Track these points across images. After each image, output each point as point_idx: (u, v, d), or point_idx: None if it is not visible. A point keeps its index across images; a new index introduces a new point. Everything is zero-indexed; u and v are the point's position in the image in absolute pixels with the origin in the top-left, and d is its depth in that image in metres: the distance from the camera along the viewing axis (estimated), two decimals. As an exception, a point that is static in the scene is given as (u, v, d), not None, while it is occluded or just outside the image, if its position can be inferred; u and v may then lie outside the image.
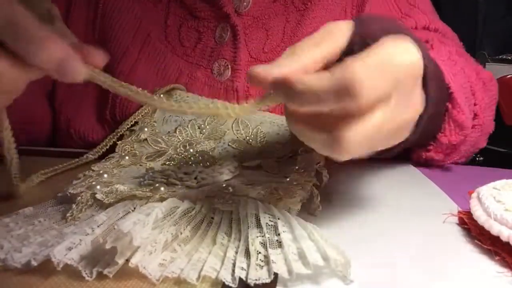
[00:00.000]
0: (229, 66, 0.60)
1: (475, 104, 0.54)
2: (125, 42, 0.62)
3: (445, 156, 0.54)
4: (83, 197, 0.38)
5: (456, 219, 0.39)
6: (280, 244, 0.31)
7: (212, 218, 0.36)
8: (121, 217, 0.34)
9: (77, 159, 0.52)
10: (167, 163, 0.45)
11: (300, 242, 0.30)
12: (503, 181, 0.38)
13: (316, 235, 0.31)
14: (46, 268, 0.29)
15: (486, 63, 1.30)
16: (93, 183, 0.40)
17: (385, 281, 0.29)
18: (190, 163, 0.44)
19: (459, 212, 0.39)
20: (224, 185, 0.40)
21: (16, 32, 0.27)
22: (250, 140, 0.53)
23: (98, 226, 0.32)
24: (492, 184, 0.38)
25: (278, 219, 0.34)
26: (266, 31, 0.62)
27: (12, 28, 0.27)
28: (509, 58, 1.30)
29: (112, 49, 0.62)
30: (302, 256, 0.29)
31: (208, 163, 0.45)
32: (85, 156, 0.53)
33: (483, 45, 1.46)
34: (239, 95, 0.59)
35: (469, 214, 0.37)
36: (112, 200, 0.37)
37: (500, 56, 1.33)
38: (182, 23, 0.63)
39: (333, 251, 0.29)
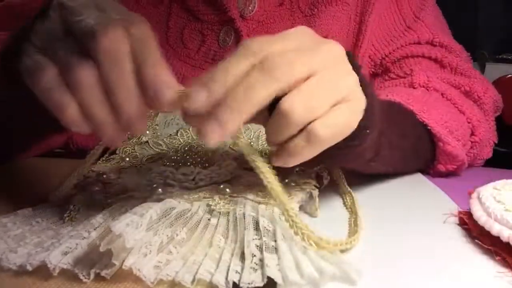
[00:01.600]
0: None
1: (468, 122, 0.55)
2: None
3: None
4: (80, 197, 0.38)
5: (456, 219, 0.38)
6: (276, 250, 0.30)
7: (209, 219, 0.35)
8: (117, 219, 0.34)
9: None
10: (166, 163, 0.45)
11: (297, 254, 0.29)
12: (503, 181, 0.38)
13: (310, 249, 0.30)
14: (44, 269, 0.28)
15: (486, 63, 1.30)
16: (92, 183, 0.40)
17: (385, 281, 0.29)
18: (189, 164, 0.44)
19: (459, 212, 0.39)
20: (221, 186, 0.40)
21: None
22: (252, 143, 0.53)
23: (94, 229, 0.32)
24: (492, 184, 0.38)
25: (277, 226, 0.33)
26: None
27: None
28: (509, 58, 1.30)
29: None
30: (298, 266, 0.28)
31: (207, 164, 0.44)
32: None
33: (483, 45, 1.46)
34: None
35: (469, 214, 0.36)
36: (109, 201, 0.37)
37: (500, 56, 1.33)
38: (185, 25, 0.63)
39: (330, 267, 0.28)
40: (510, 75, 1.21)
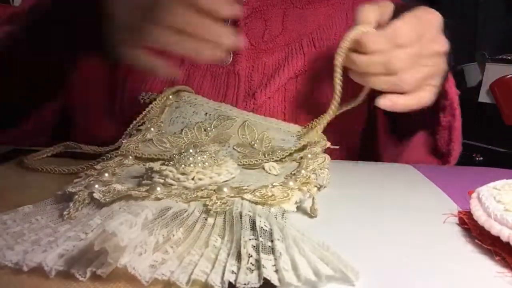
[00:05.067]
0: (231, 52, 0.62)
1: None
2: None
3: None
4: (80, 195, 0.38)
5: (456, 219, 0.38)
6: (273, 250, 0.30)
7: (206, 219, 0.35)
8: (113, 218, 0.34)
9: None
10: (166, 162, 0.45)
11: (293, 254, 0.29)
12: (503, 181, 0.38)
13: (307, 251, 0.30)
14: (41, 268, 0.28)
15: (486, 63, 1.30)
16: (92, 182, 0.40)
17: (384, 281, 0.29)
18: (190, 163, 0.44)
19: (459, 212, 0.39)
20: (220, 186, 0.40)
21: None
22: (255, 144, 0.53)
23: (91, 231, 0.32)
24: (492, 184, 0.37)
25: (274, 226, 0.33)
26: (265, 21, 0.64)
27: None
28: (509, 58, 1.30)
29: None
30: (294, 268, 0.28)
31: (207, 164, 0.44)
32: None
33: (483, 45, 1.46)
34: (240, 78, 0.61)
35: (469, 214, 0.36)
36: (109, 200, 0.37)
37: (500, 56, 1.33)
38: None
39: (327, 268, 0.28)
40: (510, 75, 1.21)
